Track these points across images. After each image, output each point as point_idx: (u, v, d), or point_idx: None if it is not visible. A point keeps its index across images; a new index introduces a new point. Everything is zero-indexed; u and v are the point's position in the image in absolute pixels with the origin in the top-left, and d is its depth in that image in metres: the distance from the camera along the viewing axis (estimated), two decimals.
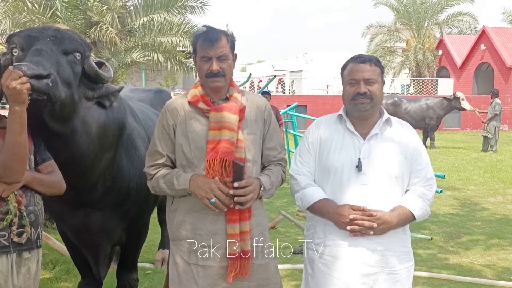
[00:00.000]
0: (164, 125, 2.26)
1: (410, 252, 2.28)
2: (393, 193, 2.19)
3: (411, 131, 2.30)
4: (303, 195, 2.24)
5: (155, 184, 2.27)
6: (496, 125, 13.47)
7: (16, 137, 1.94)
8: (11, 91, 1.85)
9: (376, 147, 2.20)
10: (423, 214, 2.20)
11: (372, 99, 2.17)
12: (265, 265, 2.29)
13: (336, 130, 2.27)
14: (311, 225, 2.34)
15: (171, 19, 10.63)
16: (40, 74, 1.93)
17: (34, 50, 2.08)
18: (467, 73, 25.66)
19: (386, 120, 2.25)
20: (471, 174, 9.86)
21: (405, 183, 2.23)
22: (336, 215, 2.12)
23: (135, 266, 3.31)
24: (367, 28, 27.92)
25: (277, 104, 14.26)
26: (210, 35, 2.18)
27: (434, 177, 2.27)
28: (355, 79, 2.19)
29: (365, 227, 2.08)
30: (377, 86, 2.20)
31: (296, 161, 2.33)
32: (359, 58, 2.24)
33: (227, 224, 2.18)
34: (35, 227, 2.12)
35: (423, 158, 2.25)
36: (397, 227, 2.16)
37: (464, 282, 4.18)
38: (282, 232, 5.67)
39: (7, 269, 2.04)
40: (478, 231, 5.87)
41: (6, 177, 1.99)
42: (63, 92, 2.10)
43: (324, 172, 2.24)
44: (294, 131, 9.54)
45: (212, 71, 2.17)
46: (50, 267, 4.41)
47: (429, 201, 2.23)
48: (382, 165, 2.17)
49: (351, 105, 2.21)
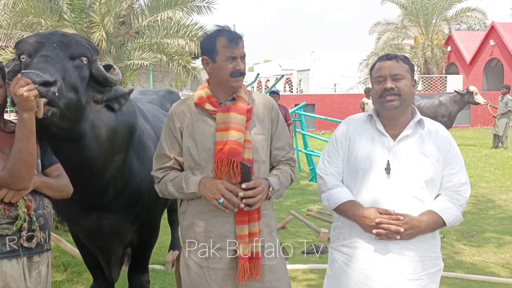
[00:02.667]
0: (171, 128, 2.25)
1: (439, 257, 2.20)
2: (422, 197, 2.10)
3: (444, 133, 2.20)
4: (330, 196, 2.20)
5: (163, 187, 2.27)
6: (507, 122, 13.35)
7: (24, 144, 1.95)
8: (19, 98, 1.86)
9: (406, 149, 2.12)
10: (454, 220, 2.12)
11: (400, 95, 2.10)
12: (275, 266, 2.28)
13: (366, 130, 2.21)
14: (337, 225, 2.30)
15: (178, 21, 10.62)
16: (46, 81, 1.93)
17: (40, 56, 2.08)
18: (476, 69, 25.46)
19: (418, 121, 2.18)
20: (482, 171, 9.77)
21: (437, 187, 2.14)
22: (362, 217, 2.07)
23: (146, 268, 3.31)
24: (374, 26, 27.77)
25: (285, 104, 14.22)
26: (234, 36, 2.18)
27: (468, 182, 2.17)
28: (382, 76, 2.14)
29: (391, 231, 2.03)
30: (405, 83, 2.12)
31: (324, 160, 2.28)
32: (386, 56, 2.21)
33: (236, 225, 2.17)
34: (44, 230, 2.13)
35: (457, 161, 2.16)
36: (426, 233, 2.09)
37: (478, 280, 4.14)
38: (292, 232, 5.65)
39: (18, 273, 2.05)
40: (491, 229, 5.81)
41: (14, 184, 1.99)
42: (69, 98, 2.10)
43: (352, 173, 2.19)
44: (303, 130, 9.53)
45: (239, 70, 2.18)
46: (62, 269, 4.42)
47: (462, 207, 2.13)
48: (412, 168, 2.09)
49: (379, 103, 2.15)
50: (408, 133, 2.15)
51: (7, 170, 1.97)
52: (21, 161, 1.96)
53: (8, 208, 2.01)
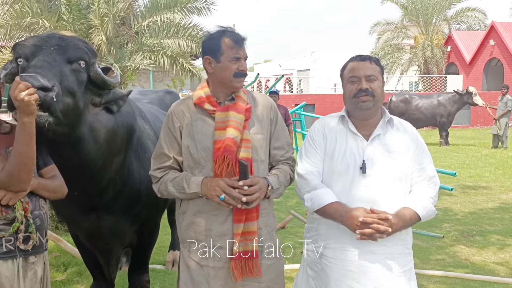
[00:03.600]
0: (170, 127, 2.26)
1: (411, 254, 2.25)
2: (397, 194, 2.16)
3: (412, 131, 2.28)
4: (314, 196, 2.20)
5: (162, 187, 2.26)
6: (506, 121, 13.34)
7: (24, 147, 1.94)
8: (20, 103, 1.84)
9: (379, 148, 2.18)
10: (428, 213, 2.16)
11: (374, 96, 2.16)
12: (273, 265, 2.29)
13: (339, 130, 2.25)
14: (311, 227, 2.31)
15: (177, 22, 10.61)
16: (45, 86, 1.92)
17: (38, 60, 2.06)
18: (476, 69, 25.45)
19: (388, 120, 2.24)
20: (482, 171, 9.77)
21: (409, 183, 2.20)
22: (350, 218, 2.08)
23: (146, 268, 3.31)
24: (374, 26, 27.79)
25: (285, 104, 14.22)
26: (238, 37, 2.21)
27: (436, 175, 2.25)
28: (356, 76, 2.18)
29: (380, 231, 2.04)
30: (378, 84, 2.18)
31: (303, 160, 2.30)
32: (359, 57, 2.24)
33: (234, 224, 2.18)
34: (41, 231, 2.13)
35: (425, 156, 2.23)
36: (403, 229, 2.13)
37: (477, 280, 4.14)
38: (292, 232, 5.65)
39: (12, 274, 2.04)
40: (491, 228, 5.81)
41: (13, 186, 1.99)
42: (66, 103, 2.08)
43: (330, 174, 2.22)
44: (303, 130, 9.53)
45: (243, 71, 2.21)
46: (62, 269, 4.43)
47: (433, 199, 2.19)
48: (386, 166, 2.15)
49: (353, 103, 2.19)
50: (379, 132, 2.21)
51: (6, 173, 1.97)
52: (21, 164, 1.96)
53: (5, 210, 2.01)
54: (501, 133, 13.34)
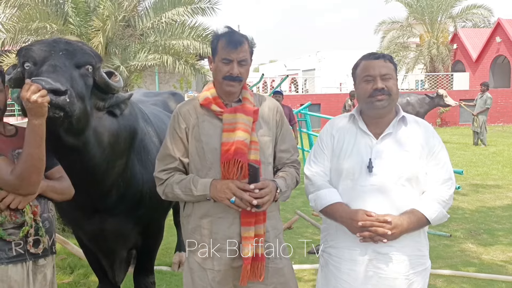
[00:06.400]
0: (176, 129, 2.23)
1: (425, 256, 2.18)
2: (406, 195, 2.09)
3: (428, 128, 2.21)
4: (317, 197, 2.19)
5: (168, 190, 2.22)
6: (484, 119, 13.45)
7: (35, 149, 1.93)
8: (32, 105, 1.83)
9: (388, 147, 2.13)
10: (438, 217, 2.10)
11: (389, 95, 2.11)
12: (281, 269, 2.26)
13: (349, 130, 2.22)
14: (324, 227, 2.31)
15: (182, 22, 10.64)
16: (58, 89, 1.93)
17: (49, 65, 2.06)
18: (483, 66, 25.31)
19: (401, 118, 2.18)
20: (490, 169, 9.71)
21: (421, 184, 2.12)
22: (350, 220, 2.06)
23: (151, 270, 3.31)
24: (379, 25, 27.66)
25: (291, 103, 14.20)
26: (234, 38, 2.15)
27: (453, 177, 2.15)
28: (371, 75, 2.13)
29: (378, 234, 2.02)
30: (393, 82, 2.14)
31: (311, 161, 2.28)
32: (373, 55, 2.19)
33: (242, 227, 2.15)
34: (50, 234, 2.13)
35: (440, 157, 2.14)
36: (409, 231, 2.07)
37: (485, 279, 4.11)
38: (298, 232, 5.63)
39: (22, 277, 2.04)
40: (498, 227, 5.77)
41: (23, 189, 1.98)
42: (78, 106, 2.10)
43: (337, 173, 2.19)
44: (308, 130, 9.51)
45: (232, 74, 2.14)
46: (68, 271, 4.44)
47: (445, 203, 2.11)
48: (394, 166, 2.09)
49: (368, 103, 2.14)
50: (391, 131, 2.16)
51: (16, 175, 1.94)
52: (31, 166, 1.94)
53: (14, 214, 2.01)
54: (479, 130, 13.43)
